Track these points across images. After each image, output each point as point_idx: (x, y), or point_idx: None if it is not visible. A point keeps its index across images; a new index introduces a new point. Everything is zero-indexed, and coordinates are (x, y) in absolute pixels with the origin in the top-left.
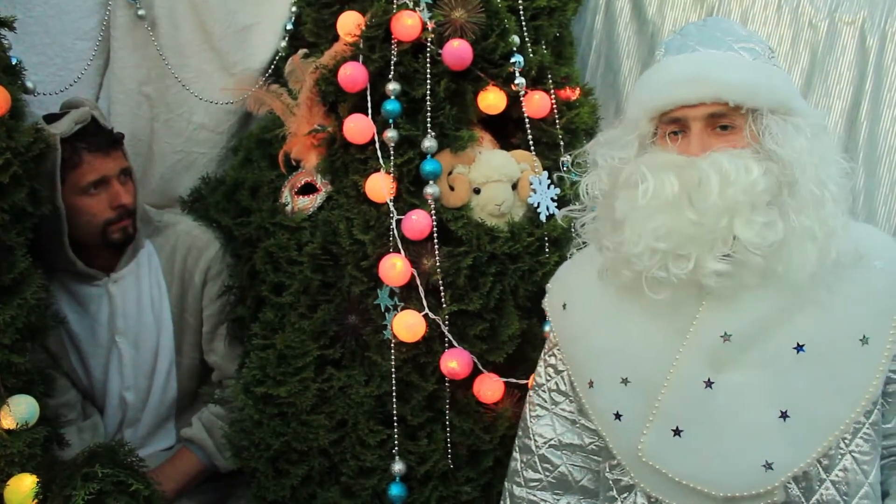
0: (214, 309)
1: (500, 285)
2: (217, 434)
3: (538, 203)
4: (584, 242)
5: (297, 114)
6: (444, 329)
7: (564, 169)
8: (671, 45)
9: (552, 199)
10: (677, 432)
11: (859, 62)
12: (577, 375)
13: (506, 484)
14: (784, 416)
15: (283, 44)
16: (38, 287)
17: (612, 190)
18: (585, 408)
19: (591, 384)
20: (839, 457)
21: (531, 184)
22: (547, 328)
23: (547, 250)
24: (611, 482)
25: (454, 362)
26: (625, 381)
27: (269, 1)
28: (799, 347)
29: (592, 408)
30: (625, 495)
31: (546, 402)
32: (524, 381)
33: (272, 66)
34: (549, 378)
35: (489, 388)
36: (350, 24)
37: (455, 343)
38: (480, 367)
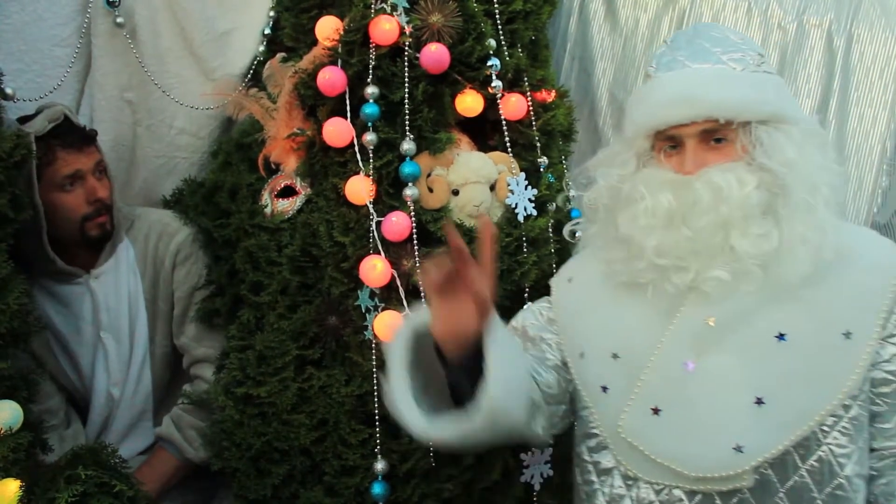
0: (185, 291)
1: None
2: (185, 427)
3: (515, 204)
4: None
5: (277, 117)
6: None
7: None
8: (662, 61)
9: (529, 200)
10: (656, 411)
11: (827, 63)
12: (569, 347)
13: None
14: (759, 401)
15: (262, 49)
16: (21, 292)
17: (613, 207)
18: (575, 380)
19: (581, 355)
20: (815, 447)
21: (508, 185)
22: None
23: (525, 250)
24: (590, 465)
25: None
26: (614, 356)
27: (247, 7)
28: (780, 336)
29: (581, 379)
30: (604, 478)
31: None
32: None
33: (251, 71)
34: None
35: None
36: (328, 28)
37: None
38: None
